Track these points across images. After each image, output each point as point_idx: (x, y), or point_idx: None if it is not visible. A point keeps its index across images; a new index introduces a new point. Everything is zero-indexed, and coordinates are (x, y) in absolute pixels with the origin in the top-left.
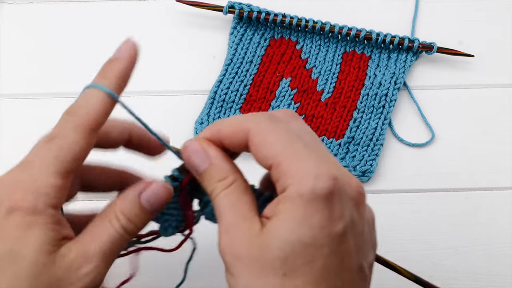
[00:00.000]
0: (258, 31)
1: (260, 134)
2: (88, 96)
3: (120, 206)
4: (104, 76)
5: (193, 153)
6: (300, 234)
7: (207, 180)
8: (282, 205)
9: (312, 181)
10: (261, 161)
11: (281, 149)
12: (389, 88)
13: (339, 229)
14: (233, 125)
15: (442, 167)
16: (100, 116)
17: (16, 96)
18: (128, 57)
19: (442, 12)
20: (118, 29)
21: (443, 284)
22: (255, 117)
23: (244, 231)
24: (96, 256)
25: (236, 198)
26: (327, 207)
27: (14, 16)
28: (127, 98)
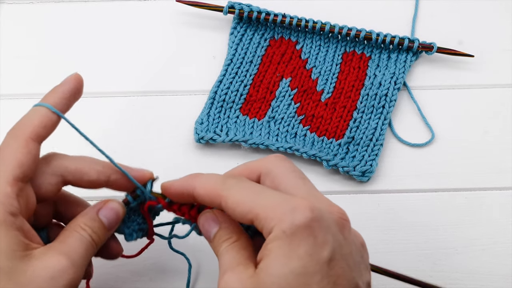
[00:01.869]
0: (258, 31)
1: (233, 197)
2: (29, 113)
3: (83, 221)
4: (47, 96)
5: (206, 220)
6: (291, 266)
7: (215, 242)
8: (270, 245)
9: (290, 215)
10: (241, 220)
11: (254, 201)
12: (389, 88)
13: (326, 254)
14: (208, 188)
15: (442, 167)
16: (38, 126)
17: (16, 96)
18: (69, 82)
19: (442, 12)
20: (118, 29)
21: (443, 284)
22: (224, 181)
23: (239, 274)
24: (72, 255)
25: (236, 251)
26: (310, 235)
27: (14, 16)
28: (127, 98)
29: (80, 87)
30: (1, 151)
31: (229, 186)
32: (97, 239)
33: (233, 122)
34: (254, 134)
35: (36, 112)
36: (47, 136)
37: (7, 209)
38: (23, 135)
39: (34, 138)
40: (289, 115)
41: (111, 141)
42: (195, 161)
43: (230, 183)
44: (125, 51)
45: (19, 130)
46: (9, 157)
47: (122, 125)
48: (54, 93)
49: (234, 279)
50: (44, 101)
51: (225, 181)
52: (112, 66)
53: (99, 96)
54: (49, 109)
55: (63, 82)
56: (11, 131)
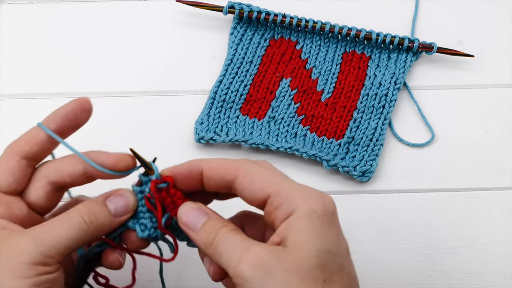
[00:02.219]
0: (258, 31)
1: (253, 170)
2: (28, 131)
3: (85, 203)
4: (48, 117)
5: (192, 210)
6: (327, 244)
7: (207, 230)
8: (301, 222)
9: (320, 200)
10: (256, 192)
11: (278, 179)
12: (389, 88)
13: (346, 244)
14: (221, 161)
15: (442, 167)
16: (24, 143)
17: (16, 96)
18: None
19: (442, 12)
20: (118, 29)
21: (443, 284)
22: (241, 160)
23: (272, 250)
24: (41, 236)
25: (242, 235)
26: (336, 223)
27: (14, 16)
28: (127, 98)
29: (81, 113)
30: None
31: (247, 162)
32: (92, 220)
33: (233, 122)
34: (254, 134)
35: (30, 130)
36: (34, 152)
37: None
38: (15, 152)
39: (17, 153)
40: (289, 115)
41: (111, 141)
42: None
43: (247, 161)
44: (125, 51)
45: (14, 146)
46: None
47: (122, 125)
48: (51, 114)
49: (268, 252)
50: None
51: (241, 160)
52: (112, 66)
53: (99, 96)
54: (39, 128)
55: (65, 105)
56: (8, 146)
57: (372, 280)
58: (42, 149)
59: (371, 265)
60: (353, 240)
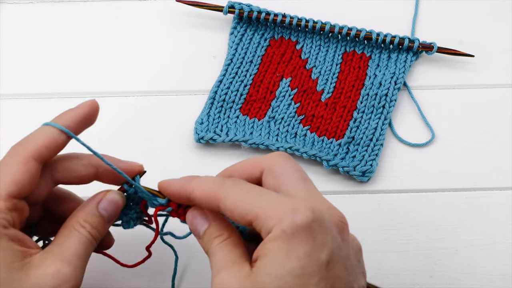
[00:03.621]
0: (258, 31)
1: (231, 198)
2: (36, 131)
3: (82, 216)
4: (58, 117)
5: (195, 217)
6: (290, 266)
7: (205, 239)
8: (269, 244)
9: (291, 216)
10: (240, 221)
11: (253, 202)
12: (389, 88)
13: (325, 256)
14: (206, 190)
15: (442, 167)
16: (41, 146)
17: (16, 96)
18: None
19: (442, 12)
20: (118, 29)
21: (443, 284)
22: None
23: (235, 273)
24: (72, 260)
25: (229, 249)
26: (310, 236)
27: (14, 16)
28: (127, 98)
29: (93, 114)
30: (1, 166)
31: (227, 188)
32: (97, 235)
33: (233, 122)
34: (254, 134)
35: (42, 131)
36: (50, 156)
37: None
38: (25, 153)
39: (36, 157)
40: (289, 115)
41: (111, 141)
42: (195, 161)
43: (228, 184)
44: (125, 51)
45: (21, 147)
46: (6, 173)
47: (122, 125)
48: (66, 115)
49: (231, 278)
50: (54, 121)
51: (223, 183)
52: (112, 66)
53: (99, 96)
54: (56, 130)
55: (77, 106)
56: (14, 146)
57: (372, 280)
58: (57, 152)
59: (371, 265)
60: None
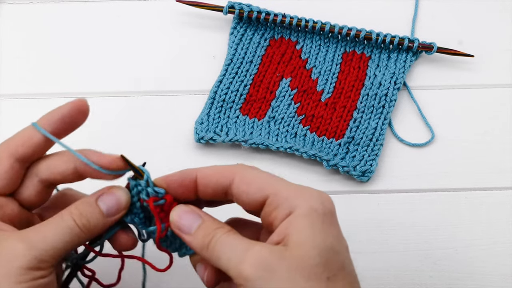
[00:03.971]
0: (258, 31)
1: (249, 173)
2: (22, 131)
3: (76, 205)
4: (43, 117)
5: (185, 213)
6: (329, 242)
7: (203, 232)
8: (301, 221)
9: (319, 199)
10: (254, 194)
11: (275, 181)
12: (389, 88)
13: (346, 243)
14: (215, 168)
15: (442, 167)
16: (18, 145)
17: (16, 96)
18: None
19: (442, 12)
20: (118, 29)
21: (443, 284)
22: (235, 165)
23: (273, 249)
24: (33, 240)
25: (241, 237)
26: (336, 222)
27: (14, 16)
28: (127, 98)
29: (77, 115)
30: None
31: (242, 167)
32: (84, 224)
33: (233, 122)
34: (254, 134)
35: (23, 130)
36: (28, 154)
37: None
38: (5, 151)
39: (11, 154)
40: (289, 115)
41: (111, 141)
42: (195, 161)
43: (242, 165)
44: (125, 51)
45: (5, 146)
46: None
47: (122, 125)
48: (47, 114)
49: (269, 251)
50: (38, 120)
51: (235, 164)
52: (112, 66)
53: (99, 96)
54: (34, 128)
55: (61, 106)
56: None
57: (372, 280)
58: (37, 151)
59: (371, 265)
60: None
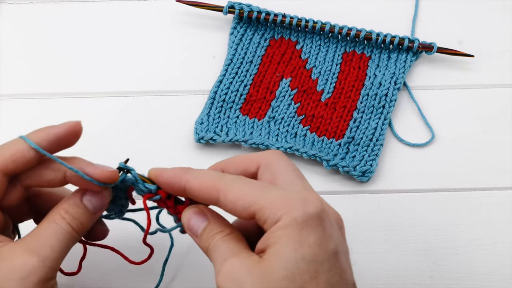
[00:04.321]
0: (258, 31)
1: (233, 190)
2: (9, 142)
3: (64, 207)
4: (34, 132)
5: (193, 215)
6: (302, 252)
7: (206, 236)
8: (279, 232)
9: (301, 205)
10: (242, 212)
11: (258, 194)
12: (389, 88)
13: (333, 247)
14: (203, 182)
15: (442, 167)
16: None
17: (16, 96)
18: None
19: (442, 12)
20: (118, 29)
21: (443, 284)
22: (222, 177)
23: (244, 260)
24: (42, 251)
25: (233, 242)
26: (320, 225)
27: (14, 16)
28: (127, 98)
29: (72, 137)
30: None
31: (228, 181)
32: (79, 227)
33: (233, 122)
34: (254, 134)
35: (14, 143)
36: (17, 170)
37: None
38: None
39: (2, 170)
40: (289, 115)
41: (111, 141)
42: (195, 161)
43: (228, 178)
44: (125, 51)
45: None
46: None
47: (122, 125)
48: (42, 131)
49: (240, 264)
50: (29, 136)
51: (223, 176)
52: (112, 66)
53: (99, 96)
54: (26, 145)
55: (58, 125)
56: None
57: (372, 280)
58: (27, 167)
59: (371, 265)
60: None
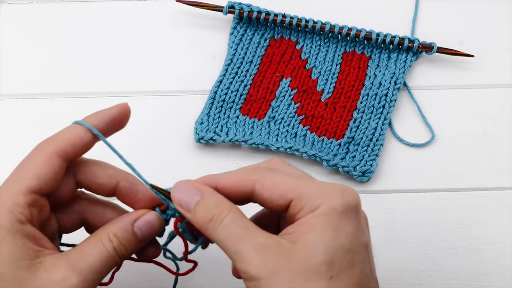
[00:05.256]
0: (258, 31)
1: (270, 179)
2: (65, 128)
3: (113, 230)
4: (88, 117)
5: (185, 189)
6: (340, 240)
7: (201, 211)
8: (316, 219)
9: (341, 195)
10: (277, 200)
11: (296, 183)
12: (389, 88)
13: (366, 240)
14: (235, 176)
15: (442, 167)
16: (66, 144)
17: (16, 96)
18: (117, 107)
19: (442, 12)
20: (118, 29)
21: (443, 284)
22: (255, 170)
23: (277, 248)
24: (84, 271)
25: (245, 222)
26: (356, 218)
27: (14, 16)
28: (127, 98)
29: (124, 117)
30: (25, 161)
31: (263, 171)
32: (123, 251)
33: (233, 122)
34: (254, 134)
35: (70, 129)
36: (75, 155)
37: (16, 217)
38: (49, 149)
39: (60, 154)
40: (289, 115)
41: (111, 141)
42: (195, 161)
43: (262, 169)
44: (125, 51)
45: (47, 143)
46: (29, 168)
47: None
48: (96, 115)
49: (276, 255)
50: (84, 120)
51: (256, 168)
52: (112, 66)
53: (99, 96)
54: (83, 128)
55: (109, 108)
56: (40, 143)
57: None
58: (83, 152)
59: None
60: None
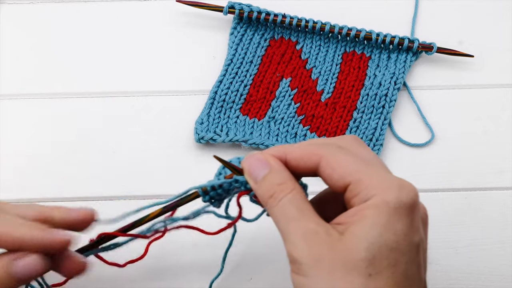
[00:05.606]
0: (258, 31)
1: (335, 157)
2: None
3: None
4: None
5: (256, 161)
6: (386, 238)
7: (266, 185)
8: (367, 211)
9: (397, 191)
10: (337, 180)
11: (359, 167)
12: (389, 88)
13: (416, 240)
14: (304, 149)
15: (442, 167)
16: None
17: (16, 96)
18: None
19: (442, 12)
20: (118, 29)
21: (443, 284)
22: (325, 145)
23: (325, 237)
24: None
25: (302, 205)
26: (409, 216)
27: (14, 16)
28: (127, 98)
29: (85, 225)
30: None
31: (331, 148)
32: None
33: (233, 122)
34: (254, 134)
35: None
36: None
37: None
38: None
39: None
40: (289, 115)
41: (111, 141)
42: (195, 161)
43: (331, 146)
44: (125, 51)
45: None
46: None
47: (122, 125)
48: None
49: (322, 243)
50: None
51: (325, 144)
52: (112, 66)
53: (99, 96)
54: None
55: (76, 210)
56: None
57: None
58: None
59: None
60: None
